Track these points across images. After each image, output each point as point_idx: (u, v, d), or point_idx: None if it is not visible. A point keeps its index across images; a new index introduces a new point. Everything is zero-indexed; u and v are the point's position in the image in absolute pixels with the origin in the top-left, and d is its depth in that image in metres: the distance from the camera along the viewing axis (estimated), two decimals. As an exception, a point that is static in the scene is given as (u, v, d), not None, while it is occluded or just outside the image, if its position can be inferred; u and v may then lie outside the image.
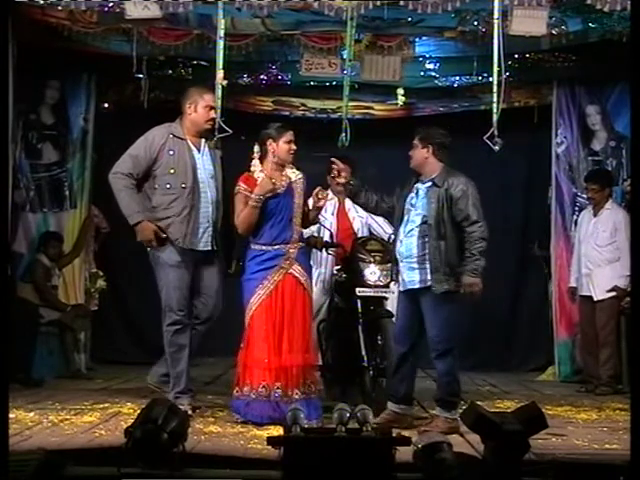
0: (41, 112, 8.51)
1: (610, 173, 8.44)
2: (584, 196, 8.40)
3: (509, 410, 4.73)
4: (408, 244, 5.76)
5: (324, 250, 6.71)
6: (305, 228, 6.14)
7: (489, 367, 9.55)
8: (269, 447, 4.12)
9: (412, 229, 5.75)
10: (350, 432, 4.13)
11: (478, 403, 4.86)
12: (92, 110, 8.73)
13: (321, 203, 6.03)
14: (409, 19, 7.10)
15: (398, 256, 5.82)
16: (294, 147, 6.00)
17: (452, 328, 5.73)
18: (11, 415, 5.11)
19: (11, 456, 3.86)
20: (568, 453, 4.78)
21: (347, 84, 6.88)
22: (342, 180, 6.20)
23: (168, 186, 6.03)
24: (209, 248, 6.13)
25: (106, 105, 9.11)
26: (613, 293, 7.78)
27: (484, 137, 6.05)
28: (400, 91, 8.90)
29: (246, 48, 7.62)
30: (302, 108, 9.56)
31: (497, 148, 6.01)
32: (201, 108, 6.16)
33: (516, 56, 8.04)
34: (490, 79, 6.42)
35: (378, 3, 6.39)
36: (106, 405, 6.22)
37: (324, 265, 6.89)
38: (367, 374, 6.22)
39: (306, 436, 4.10)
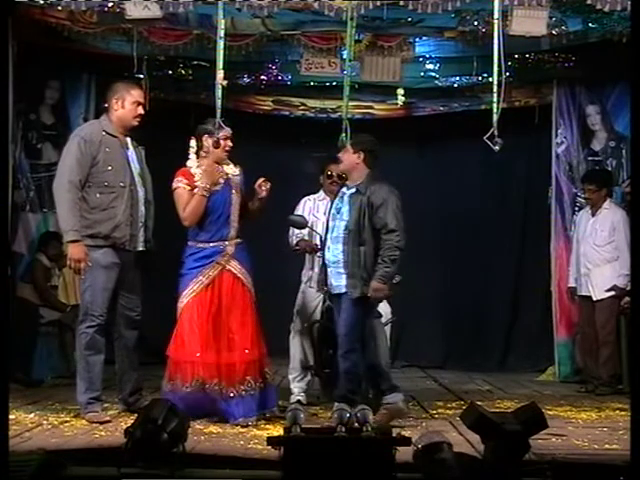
0: (41, 112, 8.50)
1: (607, 173, 8.43)
2: (584, 196, 8.41)
3: (509, 410, 4.73)
4: (334, 250, 5.97)
5: (315, 253, 6.72)
6: (244, 220, 6.04)
7: (489, 367, 9.56)
8: (269, 447, 4.12)
9: (337, 235, 5.98)
10: (350, 432, 4.14)
11: (478, 403, 4.87)
12: (92, 110, 8.71)
13: (263, 194, 5.98)
14: (409, 19, 7.09)
15: (327, 262, 6.03)
16: (230, 144, 5.98)
17: (361, 330, 5.94)
18: (11, 416, 5.10)
19: (11, 456, 3.86)
20: (568, 453, 4.78)
21: (347, 84, 6.88)
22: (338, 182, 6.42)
23: (106, 184, 5.89)
24: (143, 248, 6.06)
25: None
26: (612, 293, 7.78)
27: (484, 137, 6.05)
28: (400, 91, 8.90)
29: (246, 48, 7.61)
30: (302, 108, 9.56)
31: (497, 148, 6.01)
32: (129, 104, 6.04)
33: (516, 56, 8.04)
34: (490, 79, 6.41)
35: (378, 3, 6.38)
36: (106, 405, 6.21)
37: (317, 266, 6.87)
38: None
39: (306, 436, 4.11)
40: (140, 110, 6.07)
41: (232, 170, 6.05)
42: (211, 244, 5.89)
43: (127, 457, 4.14)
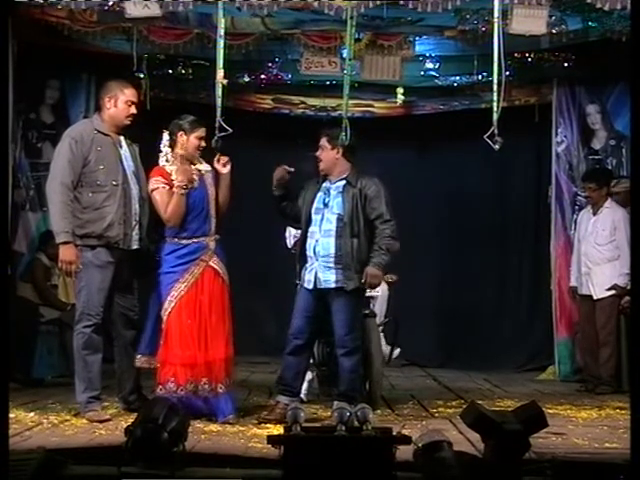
0: (41, 112, 8.50)
1: (607, 172, 8.42)
2: (584, 195, 8.41)
3: (509, 409, 4.73)
4: (325, 243, 5.93)
5: None
6: (218, 213, 6.00)
7: (489, 366, 9.56)
8: (269, 446, 4.12)
9: (330, 229, 5.94)
10: (350, 431, 4.14)
11: (478, 402, 4.87)
12: (92, 109, 8.69)
13: (224, 170, 5.94)
14: (409, 18, 7.09)
15: (313, 255, 5.96)
16: (204, 144, 5.95)
17: (359, 326, 6.00)
18: (11, 415, 5.10)
19: (11, 455, 3.86)
20: (568, 452, 4.78)
21: (347, 83, 6.87)
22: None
23: (98, 183, 5.85)
24: (137, 247, 6.01)
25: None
26: (613, 292, 7.78)
27: (484, 136, 6.05)
28: (400, 90, 8.91)
29: (246, 47, 7.62)
30: (302, 106, 9.58)
31: (497, 147, 6.01)
32: (121, 103, 6.00)
33: (516, 55, 8.04)
34: (490, 78, 6.41)
35: (378, 2, 6.37)
36: (106, 404, 6.21)
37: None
38: None
39: (306, 435, 4.11)
40: (133, 110, 6.04)
41: (204, 167, 6.02)
42: (194, 240, 5.87)
43: (127, 456, 4.14)
